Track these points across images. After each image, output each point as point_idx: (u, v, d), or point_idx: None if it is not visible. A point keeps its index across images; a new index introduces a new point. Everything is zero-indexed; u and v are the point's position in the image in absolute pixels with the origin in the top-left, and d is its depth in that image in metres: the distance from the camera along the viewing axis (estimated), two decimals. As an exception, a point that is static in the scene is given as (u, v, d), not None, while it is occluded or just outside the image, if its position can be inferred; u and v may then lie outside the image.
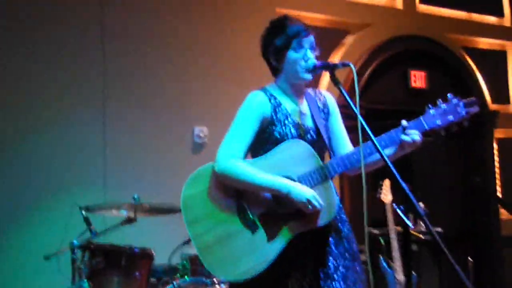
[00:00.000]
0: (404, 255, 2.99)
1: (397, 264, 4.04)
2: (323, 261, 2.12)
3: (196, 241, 2.09)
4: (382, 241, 4.11)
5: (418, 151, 2.27)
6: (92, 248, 2.93)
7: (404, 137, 2.05)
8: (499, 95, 6.07)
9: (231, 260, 2.05)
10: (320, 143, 2.17)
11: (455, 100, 2.10)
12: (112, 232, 3.10)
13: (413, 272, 3.98)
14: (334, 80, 2.05)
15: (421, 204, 4.46)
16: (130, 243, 3.11)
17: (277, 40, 2.14)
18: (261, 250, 2.04)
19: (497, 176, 5.93)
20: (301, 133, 2.15)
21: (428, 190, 5.51)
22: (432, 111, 2.10)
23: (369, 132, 1.93)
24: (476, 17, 6.02)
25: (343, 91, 1.99)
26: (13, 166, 3.69)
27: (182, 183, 2.14)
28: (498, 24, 6.15)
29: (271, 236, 2.04)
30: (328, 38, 5.20)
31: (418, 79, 5.54)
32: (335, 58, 5.18)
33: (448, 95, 2.10)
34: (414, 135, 2.06)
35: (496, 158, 5.98)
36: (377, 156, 2.03)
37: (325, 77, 4.95)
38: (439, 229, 4.42)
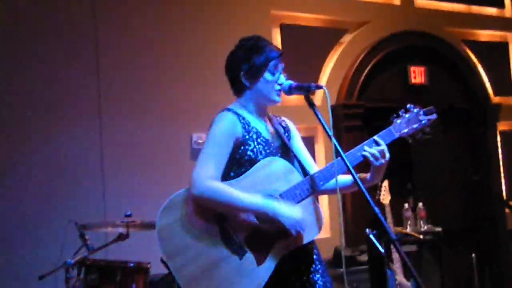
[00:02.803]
0: (378, 283, 2.97)
1: (397, 265, 4.06)
2: (311, 279, 2.12)
3: (179, 274, 1.95)
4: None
5: (419, 147, 2.30)
6: (88, 265, 2.98)
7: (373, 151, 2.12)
8: (502, 87, 6.00)
9: None
10: (289, 160, 2.16)
11: (416, 110, 2.23)
12: (110, 247, 3.15)
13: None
14: (309, 102, 2.04)
15: (420, 205, 4.46)
16: (128, 256, 3.15)
17: (256, 59, 2.12)
18: (251, 276, 1.97)
19: (502, 169, 5.90)
20: (272, 151, 2.14)
21: (430, 187, 5.50)
22: (399, 121, 2.21)
23: (341, 152, 1.94)
24: (476, 9, 5.95)
25: (318, 114, 2.00)
26: (9, 183, 3.72)
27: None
28: (498, 16, 6.07)
29: (260, 259, 1.98)
30: (325, 38, 5.19)
31: (418, 75, 5.50)
32: (333, 57, 5.17)
33: (408, 105, 2.24)
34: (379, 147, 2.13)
35: (500, 151, 5.94)
36: (348, 182, 2.13)
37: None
38: (439, 229, 4.42)
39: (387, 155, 2.12)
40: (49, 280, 3.01)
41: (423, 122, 2.21)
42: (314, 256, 2.17)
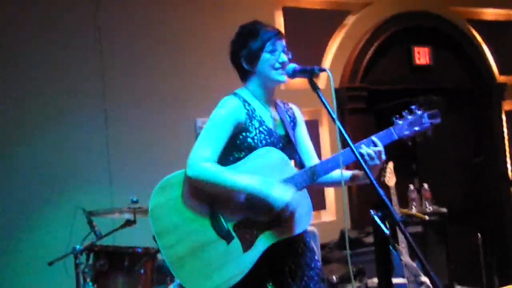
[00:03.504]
0: (383, 264, 2.98)
1: (403, 246, 4.07)
2: (294, 272, 2.12)
3: (166, 253, 1.98)
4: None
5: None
6: (96, 251, 3.01)
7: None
8: (507, 67, 5.96)
9: (205, 272, 1.98)
10: (290, 151, 2.16)
11: (419, 112, 2.19)
12: (117, 233, 3.18)
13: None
14: (312, 85, 2.03)
15: (425, 186, 4.47)
16: (136, 242, 3.18)
17: (252, 43, 2.12)
18: (236, 262, 1.99)
19: (507, 148, 5.89)
20: (274, 141, 2.13)
21: (435, 168, 5.50)
22: (400, 122, 2.18)
23: (344, 133, 1.94)
24: (480, -13, 5.90)
25: (321, 96, 1.99)
26: (16, 171, 3.76)
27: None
28: (503, -6, 6.02)
29: (246, 247, 2.00)
30: (328, 20, 5.16)
31: (422, 55, 5.47)
32: (337, 40, 5.14)
33: (412, 107, 2.19)
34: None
35: (505, 130, 5.92)
36: (345, 177, 2.16)
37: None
38: (444, 210, 4.42)
39: (383, 156, 2.10)
40: (59, 266, 3.05)
41: (426, 125, 2.18)
42: (300, 250, 2.17)
